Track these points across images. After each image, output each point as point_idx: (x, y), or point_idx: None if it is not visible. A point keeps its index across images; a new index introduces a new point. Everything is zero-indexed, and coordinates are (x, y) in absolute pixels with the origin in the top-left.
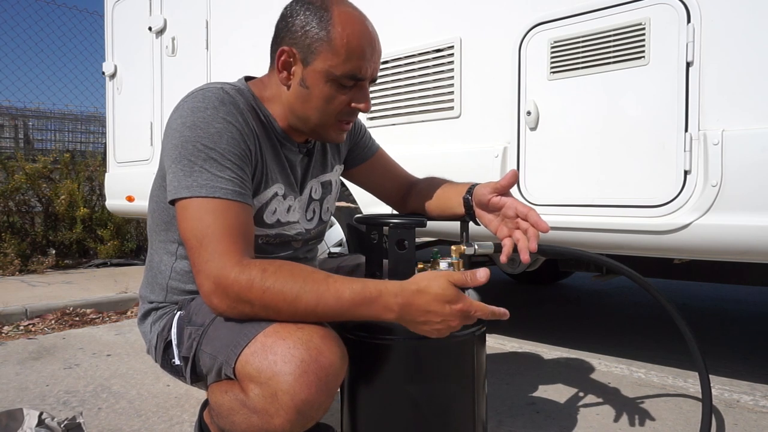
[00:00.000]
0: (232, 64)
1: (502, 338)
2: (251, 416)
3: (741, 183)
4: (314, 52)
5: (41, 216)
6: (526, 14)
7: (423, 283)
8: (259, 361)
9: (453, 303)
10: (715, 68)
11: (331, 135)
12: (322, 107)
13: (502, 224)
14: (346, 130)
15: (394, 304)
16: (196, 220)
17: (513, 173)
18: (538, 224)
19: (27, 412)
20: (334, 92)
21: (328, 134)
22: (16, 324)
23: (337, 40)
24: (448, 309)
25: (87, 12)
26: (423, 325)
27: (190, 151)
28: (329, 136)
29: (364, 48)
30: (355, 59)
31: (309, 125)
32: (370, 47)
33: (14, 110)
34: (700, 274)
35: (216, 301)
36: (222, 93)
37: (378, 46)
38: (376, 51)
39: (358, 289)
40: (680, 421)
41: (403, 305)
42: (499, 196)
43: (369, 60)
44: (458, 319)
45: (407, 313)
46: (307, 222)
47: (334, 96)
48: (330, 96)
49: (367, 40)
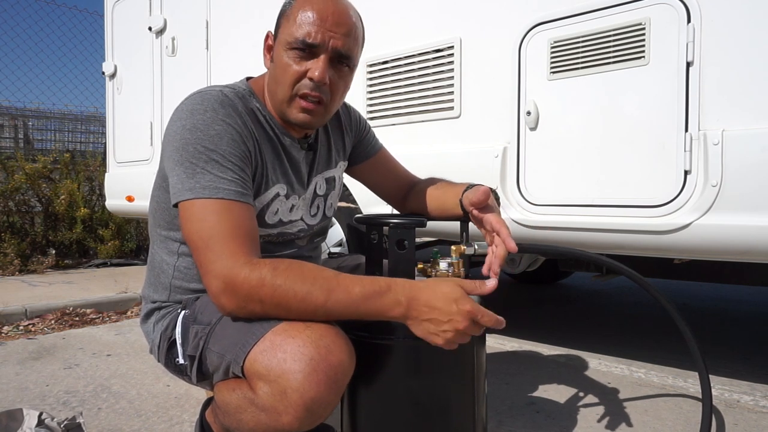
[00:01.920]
0: (232, 64)
1: (502, 338)
2: (259, 414)
3: (741, 183)
4: (280, 26)
5: (41, 216)
6: (526, 14)
7: (432, 282)
8: (269, 359)
9: (460, 303)
10: (715, 68)
11: (292, 112)
12: (281, 78)
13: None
14: (307, 108)
15: (402, 298)
16: (201, 221)
17: (484, 191)
18: (506, 243)
19: (27, 412)
20: (290, 61)
21: (290, 112)
22: (16, 324)
23: (294, 10)
24: (455, 308)
25: (87, 12)
26: (429, 323)
27: (192, 153)
28: (292, 115)
29: (319, 14)
30: (307, 25)
31: (276, 103)
32: (325, 14)
33: (14, 110)
34: (700, 274)
35: (225, 301)
36: (221, 95)
37: (340, 19)
38: (335, 21)
39: (367, 284)
40: (680, 421)
41: (410, 299)
42: (477, 210)
43: (321, 26)
44: (465, 320)
45: (414, 308)
46: (311, 218)
47: (290, 65)
48: (287, 65)
49: (324, 7)
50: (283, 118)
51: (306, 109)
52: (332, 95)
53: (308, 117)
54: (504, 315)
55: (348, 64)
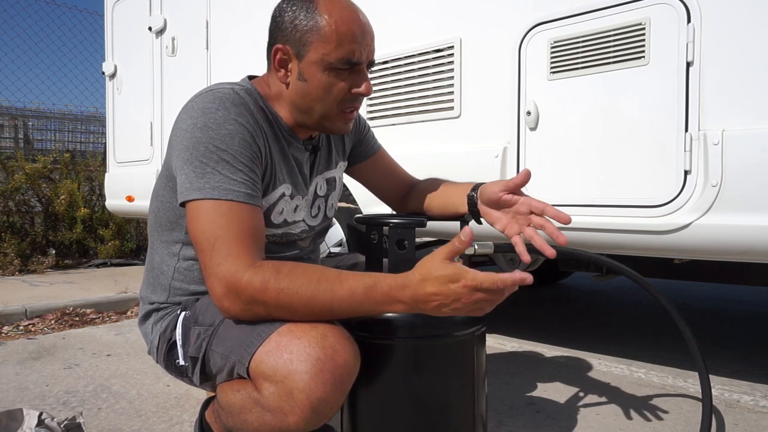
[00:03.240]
0: (232, 64)
1: (502, 338)
2: (265, 414)
3: (741, 183)
4: (306, 44)
5: (41, 216)
6: (526, 14)
7: (424, 269)
8: (274, 359)
9: (454, 281)
10: (715, 68)
11: (337, 125)
12: (323, 97)
13: (512, 221)
14: (350, 119)
15: (403, 297)
16: (209, 222)
17: (526, 172)
18: (558, 217)
19: (27, 412)
20: (332, 80)
21: (334, 125)
22: (16, 324)
23: (326, 28)
24: (453, 288)
25: (87, 12)
26: (442, 307)
27: (202, 153)
28: (335, 127)
29: (354, 31)
30: (347, 43)
31: (314, 118)
32: (360, 29)
33: (14, 110)
34: (700, 274)
35: (228, 304)
36: (232, 94)
37: (369, 29)
38: (368, 33)
39: (370, 284)
40: (680, 421)
41: (411, 296)
42: (511, 194)
43: (361, 42)
44: (471, 294)
45: (417, 303)
46: (312, 219)
47: (333, 83)
48: (329, 84)
49: (356, 22)
50: (323, 130)
51: (351, 119)
52: None
53: (351, 125)
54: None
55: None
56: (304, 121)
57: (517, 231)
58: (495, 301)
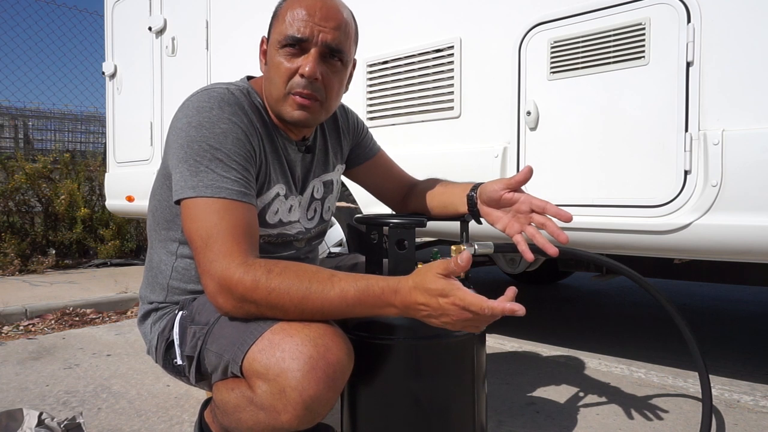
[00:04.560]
0: (232, 64)
1: (502, 338)
2: (258, 413)
3: (741, 183)
4: (271, 28)
5: (41, 216)
6: (526, 14)
7: (418, 278)
8: (267, 358)
9: (444, 296)
10: (716, 68)
11: (287, 110)
12: (273, 78)
13: (513, 220)
14: (300, 104)
15: (395, 301)
16: (202, 220)
17: (528, 169)
18: (559, 215)
19: (27, 412)
20: (281, 60)
21: (285, 110)
22: (16, 324)
23: (283, 10)
24: (442, 302)
25: (87, 12)
26: (431, 318)
27: (196, 151)
28: (286, 112)
29: (306, 9)
30: (296, 22)
31: (271, 104)
32: (312, 9)
33: (14, 110)
34: (700, 274)
35: (221, 301)
36: (227, 93)
37: (328, 13)
38: (324, 16)
39: (362, 287)
40: (680, 421)
41: (402, 302)
42: (512, 192)
43: (310, 21)
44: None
45: (407, 310)
46: (308, 221)
47: (281, 63)
48: (278, 64)
49: (310, 3)
50: (280, 118)
51: (301, 105)
52: (327, 92)
53: (304, 113)
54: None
55: (340, 59)
56: (272, 110)
57: (518, 230)
58: (485, 323)
